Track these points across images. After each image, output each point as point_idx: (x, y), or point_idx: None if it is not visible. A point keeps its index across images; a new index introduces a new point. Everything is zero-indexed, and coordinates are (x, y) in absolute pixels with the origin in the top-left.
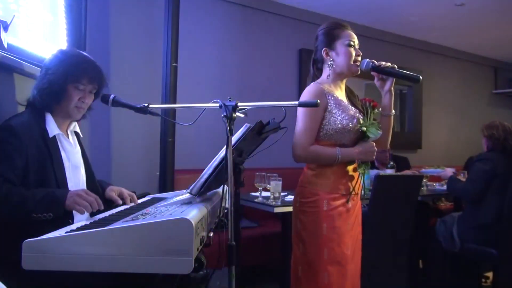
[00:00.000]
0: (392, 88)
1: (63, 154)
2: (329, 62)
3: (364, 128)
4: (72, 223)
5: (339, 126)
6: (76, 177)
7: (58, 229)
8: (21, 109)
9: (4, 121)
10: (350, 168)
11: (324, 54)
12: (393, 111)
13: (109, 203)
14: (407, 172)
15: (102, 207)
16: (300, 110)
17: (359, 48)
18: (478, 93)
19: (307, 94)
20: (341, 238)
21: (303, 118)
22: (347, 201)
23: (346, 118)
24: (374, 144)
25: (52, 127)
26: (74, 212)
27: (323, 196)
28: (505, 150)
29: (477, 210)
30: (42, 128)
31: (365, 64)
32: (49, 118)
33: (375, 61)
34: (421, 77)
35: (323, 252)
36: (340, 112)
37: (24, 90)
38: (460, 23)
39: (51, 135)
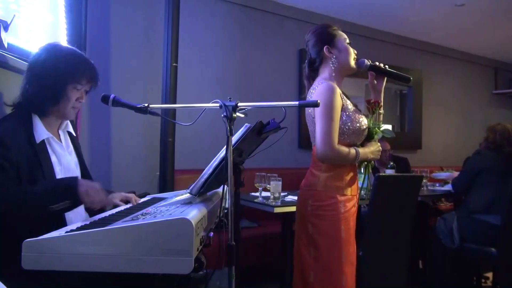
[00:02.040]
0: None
1: (53, 158)
2: (332, 60)
3: (376, 129)
4: (65, 219)
5: (355, 126)
6: None
7: (57, 229)
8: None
9: None
10: (356, 168)
11: (326, 52)
12: (382, 110)
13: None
14: None
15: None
16: (319, 111)
17: (358, 48)
18: (478, 94)
19: (326, 92)
20: (353, 238)
21: (327, 118)
22: (358, 201)
23: (359, 118)
24: (379, 144)
25: (40, 132)
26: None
27: (340, 198)
28: (497, 149)
29: (468, 199)
30: (29, 133)
31: (364, 63)
32: (36, 121)
33: (370, 61)
34: (411, 78)
35: (341, 254)
36: (353, 113)
37: (21, 90)
38: (460, 23)
39: (38, 141)
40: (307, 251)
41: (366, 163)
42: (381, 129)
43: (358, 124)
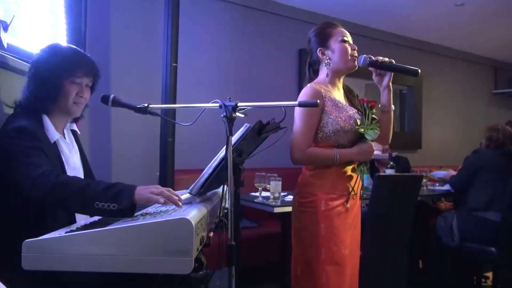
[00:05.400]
0: (390, 84)
1: (62, 158)
2: (326, 61)
3: (362, 130)
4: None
5: (336, 127)
6: None
7: (58, 229)
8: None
9: (9, 125)
10: (348, 168)
11: (319, 54)
12: (393, 106)
13: None
14: None
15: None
16: (297, 112)
17: (358, 48)
18: (478, 93)
19: (304, 96)
20: (339, 238)
21: (300, 120)
22: (347, 201)
23: (343, 119)
24: (372, 144)
25: (52, 132)
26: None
27: (320, 196)
28: (498, 149)
29: (467, 197)
30: (43, 133)
31: (362, 60)
32: (46, 121)
33: (372, 57)
34: (419, 70)
35: (321, 251)
36: (337, 113)
37: (22, 91)
38: (460, 23)
39: (52, 141)
40: (296, 245)
41: (359, 163)
42: (368, 130)
43: (338, 126)
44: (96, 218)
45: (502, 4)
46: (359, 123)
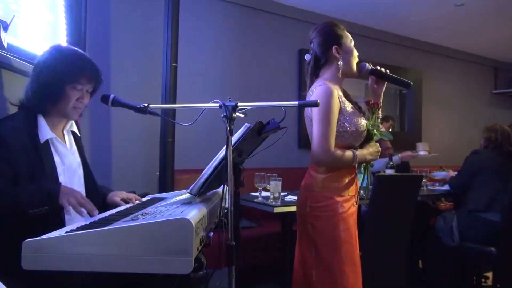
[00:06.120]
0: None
1: (56, 158)
2: (340, 61)
3: (375, 130)
4: (64, 220)
5: (353, 128)
6: (72, 179)
7: (57, 229)
8: (14, 109)
9: None
10: (355, 168)
11: (334, 52)
12: (381, 114)
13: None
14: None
15: (96, 212)
16: (316, 114)
17: (358, 48)
18: (478, 93)
19: (324, 95)
20: (354, 239)
21: (322, 122)
22: (356, 201)
23: (357, 120)
24: (378, 144)
25: (44, 132)
26: (74, 213)
27: (337, 199)
28: (497, 149)
29: (467, 198)
30: (33, 133)
31: (365, 67)
32: (41, 121)
33: (371, 65)
34: (411, 83)
35: (341, 254)
36: (352, 115)
37: (24, 90)
38: (460, 23)
39: (42, 141)
40: (309, 251)
41: (365, 164)
42: (380, 130)
43: (355, 127)
44: (96, 218)
45: (502, 4)
46: (369, 124)
